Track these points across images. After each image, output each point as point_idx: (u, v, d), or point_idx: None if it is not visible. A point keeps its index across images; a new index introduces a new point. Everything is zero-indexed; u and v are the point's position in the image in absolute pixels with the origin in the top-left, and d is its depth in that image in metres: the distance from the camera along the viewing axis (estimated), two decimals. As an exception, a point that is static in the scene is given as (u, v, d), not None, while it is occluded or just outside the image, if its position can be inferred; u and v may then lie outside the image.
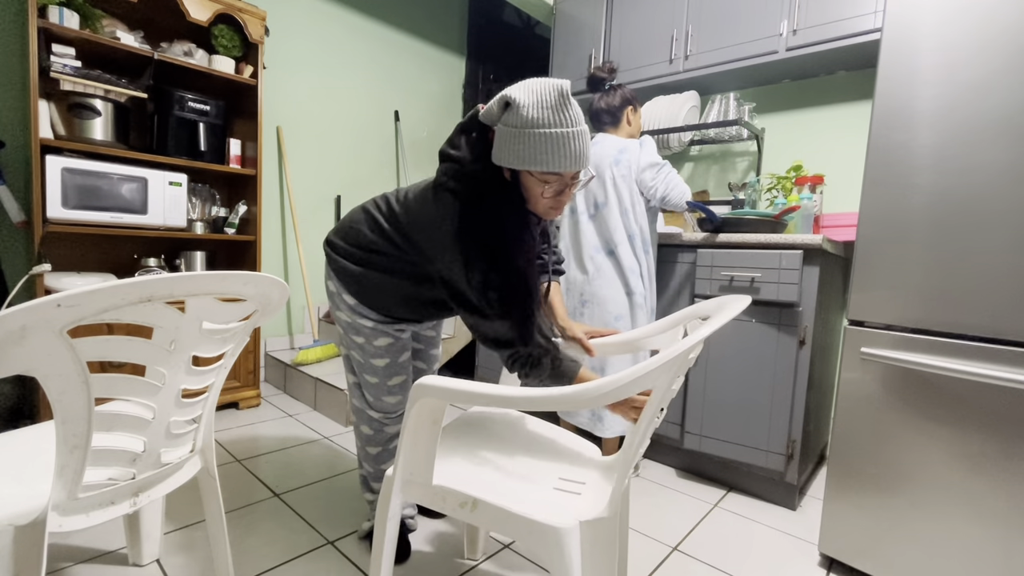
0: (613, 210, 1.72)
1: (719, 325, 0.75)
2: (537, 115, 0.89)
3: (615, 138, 1.79)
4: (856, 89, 2.09)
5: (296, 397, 2.54)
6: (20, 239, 1.99)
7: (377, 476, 1.32)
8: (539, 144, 0.89)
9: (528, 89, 0.91)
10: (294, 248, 2.88)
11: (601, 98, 1.82)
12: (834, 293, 1.85)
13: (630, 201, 1.71)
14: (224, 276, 0.78)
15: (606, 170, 1.73)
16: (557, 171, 0.92)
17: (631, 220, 1.72)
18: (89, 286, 0.62)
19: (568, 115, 0.90)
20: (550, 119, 0.89)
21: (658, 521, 1.55)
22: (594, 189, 1.76)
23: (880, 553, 1.26)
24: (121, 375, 0.78)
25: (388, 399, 1.25)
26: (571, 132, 0.90)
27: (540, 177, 0.94)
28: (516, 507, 0.80)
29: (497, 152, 0.95)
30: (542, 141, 0.89)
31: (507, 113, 0.92)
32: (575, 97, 2.65)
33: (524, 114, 0.89)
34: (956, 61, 1.14)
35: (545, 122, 0.89)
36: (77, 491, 0.76)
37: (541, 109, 0.89)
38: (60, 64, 1.79)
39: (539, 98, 0.89)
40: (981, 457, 1.12)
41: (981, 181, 1.11)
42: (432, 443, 0.86)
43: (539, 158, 0.90)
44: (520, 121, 0.89)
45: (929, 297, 1.18)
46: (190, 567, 1.22)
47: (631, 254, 1.72)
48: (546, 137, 0.89)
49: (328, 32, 2.93)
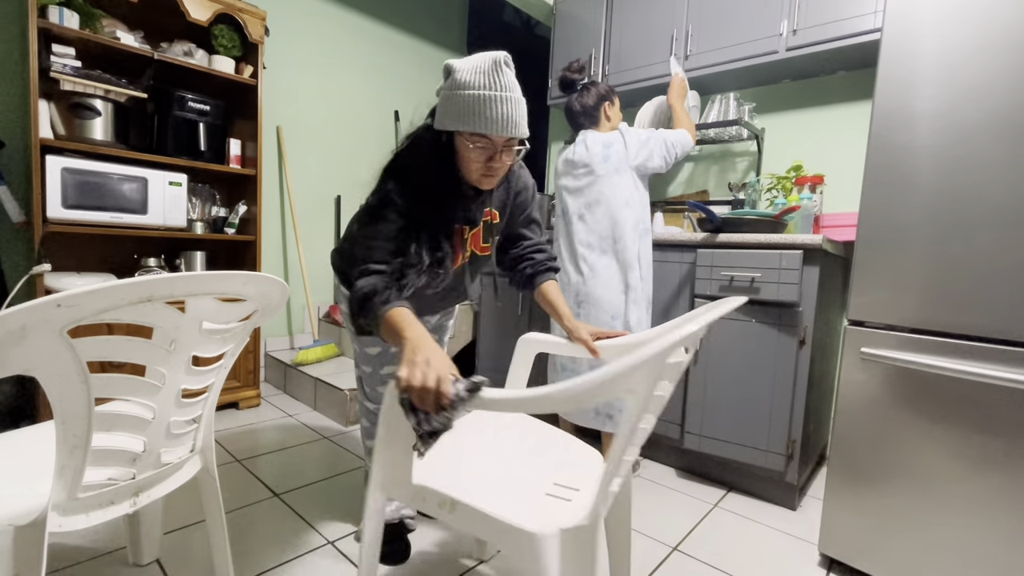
0: (609, 206, 1.71)
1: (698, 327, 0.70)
2: (470, 78, 0.93)
3: (598, 134, 1.78)
4: (856, 89, 2.09)
5: (296, 397, 2.54)
6: (20, 239, 1.99)
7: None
8: (467, 104, 0.93)
9: (469, 58, 0.96)
10: (294, 248, 2.88)
11: (576, 99, 1.81)
12: (834, 293, 1.85)
13: (626, 195, 1.71)
14: (224, 276, 0.78)
15: (598, 167, 1.73)
16: (482, 132, 0.94)
17: (629, 212, 1.71)
18: (89, 286, 0.62)
19: (500, 80, 0.93)
20: (480, 82, 0.92)
21: (658, 521, 1.55)
22: (586, 188, 1.75)
23: (880, 553, 1.26)
24: (121, 375, 0.78)
25: (381, 389, 1.27)
26: (499, 96, 0.93)
27: (468, 139, 0.96)
28: (494, 510, 0.77)
29: (437, 117, 0.99)
30: (470, 102, 0.93)
31: (447, 79, 0.97)
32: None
33: (458, 77, 0.94)
34: (956, 61, 1.14)
35: (475, 84, 0.92)
36: (77, 491, 0.76)
37: (474, 73, 0.93)
38: (60, 64, 1.79)
39: (474, 64, 0.94)
40: (981, 457, 1.12)
41: (981, 181, 1.11)
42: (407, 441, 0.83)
43: (466, 119, 0.94)
44: (454, 84, 0.94)
45: (929, 297, 1.18)
46: (190, 567, 1.22)
47: (627, 248, 1.71)
48: (474, 98, 0.92)
49: (328, 32, 2.93)
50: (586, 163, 1.75)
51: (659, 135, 1.75)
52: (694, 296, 1.82)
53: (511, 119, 0.94)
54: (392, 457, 0.87)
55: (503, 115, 0.93)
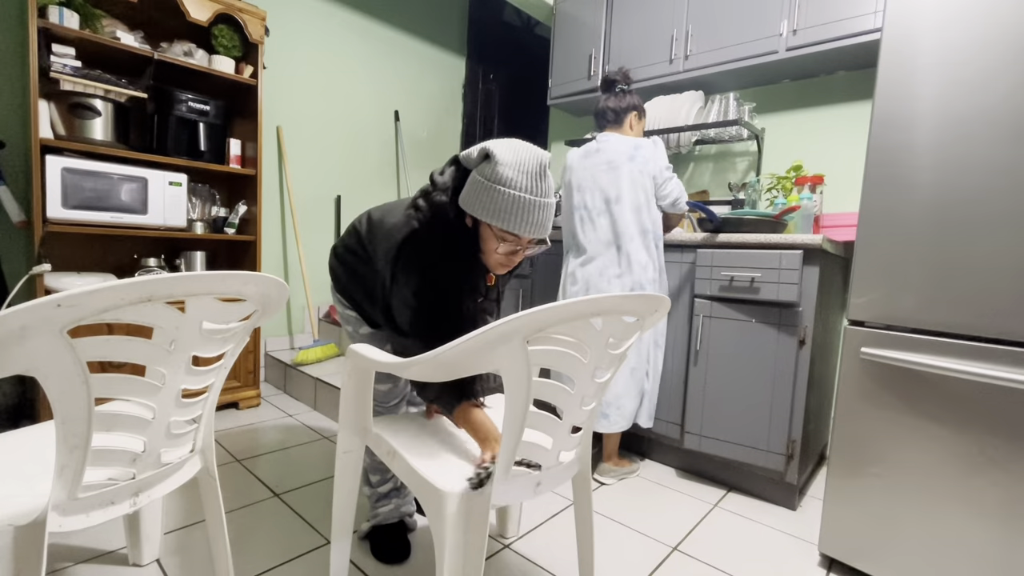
0: (627, 206, 1.72)
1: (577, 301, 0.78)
2: (513, 176, 0.92)
3: (625, 136, 1.79)
4: (856, 89, 2.09)
5: (296, 397, 2.54)
6: (20, 239, 1.99)
7: (374, 468, 1.33)
8: (507, 203, 0.92)
9: (511, 149, 0.94)
10: (294, 248, 2.88)
11: (609, 98, 1.84)
12: (834, 293, 1.85)
13: (644, 198, 1.73)
14: (224, 276, 0.78)
15: (622, 165, 1.73)
16: (517, 233, 0.95)
17: (645, 216, 1.73)
18: (89, 286, 0.62)
19: (542, 186, 0.93)
20: (524, 184, 0.92)
21: (658, 521, 1.55)
22: (607, 185, 1.75)
23: (880, 553, 1.26)
24: (121, 375, 0.78)
25: (377, 386, 1.28)
26: (540, 202, 0.94)
27: (499, 233, 0.97)
28: (419, 466, 0.92)
29: (465, 197, 0.98)
30: (511, 202, 0.92)
31: (484, 164, 0.94)
32: (577, 96, 2.65)
33: (500, 171, 0.92)
34: (956, 61, 1.14)
35: (519, 186, 0.92)
36: (77, 491, 0.76)
37: (518, 171, 0.92)
38: (60, 64, 1.79)
39: (518, 160, 0.92)
40: (981, 457, 1.12)
41: (981, 181, 1.11)
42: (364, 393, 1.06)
43: (504, 216, 0.93)
44: (495, 176, 0.92)
45: (929, 297, 1.18)
46: (190, 567, 1.22)
47: (643, 250, 1.72)
48: (515, 199, 0.92)
49: (328, 32, 2.93)
50: (610, 159, 1.75)
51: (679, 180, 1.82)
52: (694, 296, 1.82)
53: (545, 225, 0.96)
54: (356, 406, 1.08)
55: (540, 221, 0.95)
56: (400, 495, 1.36)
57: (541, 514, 1.56)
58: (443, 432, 1.12)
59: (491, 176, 0.93)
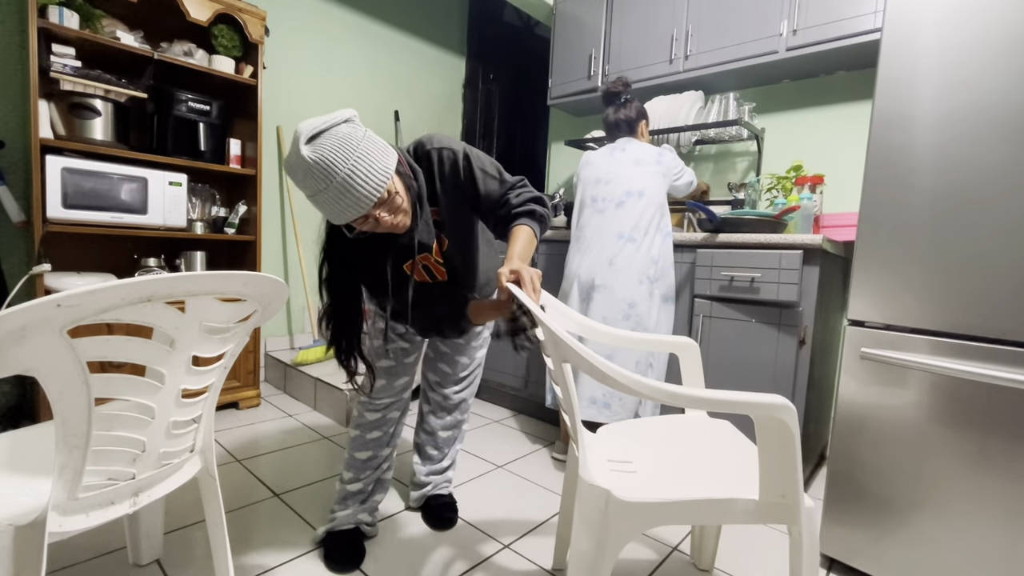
0: (649, 201, 1.76)
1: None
2: (301, 185, 0.93)
3: (645, 144, 1.88)
4: (856, 89, 2.09)
5: (296, 397, 2.54)
6: (20, 239, 1.99)
7: (350, 464, 1.33)
8: (318, 207, 0.95)
9: (289, 152, 0.95)
10: (294, 248, 2.88)
11: (617, 110, 1.91)
12: (834, 293, 1.85)
13: (662, 197, 1.80)
14: (224, 276, 0.78)
15: (649, 165, 1.80)
16: (341, 222, 0.97)
17: (662, 214, 1.79)
18: (89, 286, 0.62)
19: (312, 178, 0.91)
20: (308, 187, 0.92)
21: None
22: (632, 178, 1.79)
23: (880, 553, 1.26)
24: (121, 375, 0.78)
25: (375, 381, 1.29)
26: (325, 196, 0.92)
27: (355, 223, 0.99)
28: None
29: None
30: (317, 205, 0.95)
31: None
32: (577, 97, 2.65)
33: (304, 192, 0.95)
34: (956, 61, 1.14)
35: (307, 190, 0.93)
36: (77, 491, 0.76)
37: (297, 179, 0.93)
38: (60, 64, 1.79)
39: (291, 165, 0.93)
40: (981, 457, 1.12)
41: (981, 181, 1.11)
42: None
43: (329, 215, 0.98)
44: (305, 194, 0.97)
45: (929, 297, 1.18)
46: (190, 567, 1.22)
47: (657, 244, 1.76)
48: (315, 202, 0.95)
49: (328, 32, 2.93)
50: (639, 157, 1.82)
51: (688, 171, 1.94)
52: (694, 296, 1.82)
53: (349, 205, 0.93)
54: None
55: (340, 206, 0.93)
56: (362, 501, 1.33)
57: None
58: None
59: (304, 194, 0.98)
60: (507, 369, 2.49)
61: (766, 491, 0.83)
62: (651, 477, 0.96)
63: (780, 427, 0.78)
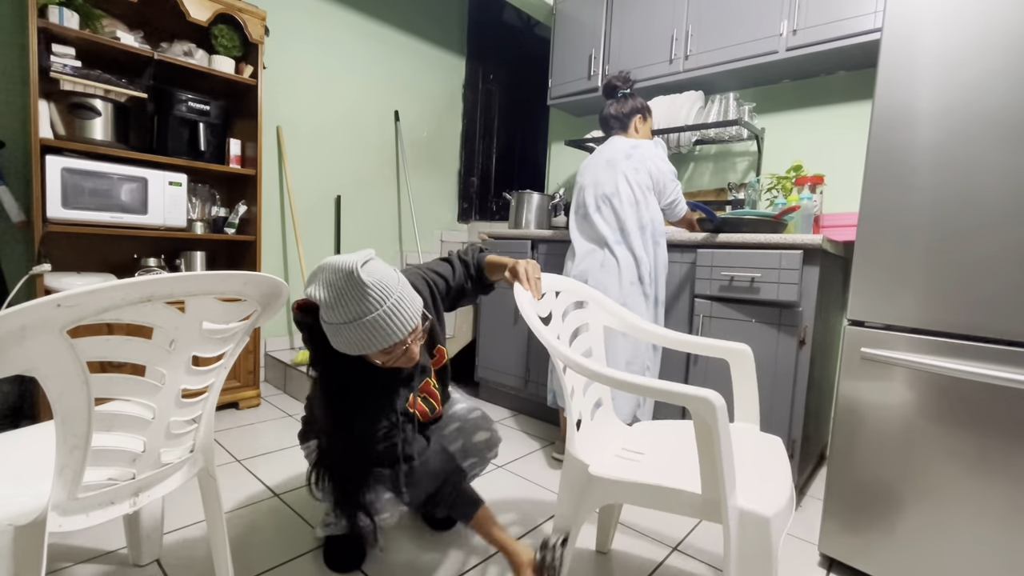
0: (624, 201, 1.74)
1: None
2: (341, 314, 0.90)
3: (626, 137, 1.86)
4: (856, 89, 2.08)
5: (296, 397, 2.54)
6: (20, 239, 1.99)
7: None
8: (356, 335, 0.91)
9: (326, 283, 0.92)
10: (294, 248, 2.88)
11: (612, 105, 1.91)
12: (834, 293, 1.85)
13: (641, 193, 1.75)
14: (224, 276, 0.78)
15: (620, 163, 1.77)
16: (377, 351, 0.94)
17: (643, 211, 1.75)
18: (89, 286, 0.62)
19: (368, 301, 0.89)
20: (354, 311, 0.89)
21: (658, 521, 1.55)
22: (604, 182, 1.79)
23: (880, 553, 1.26)
24: (121, 375, 0.78)
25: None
26: (377, 316, 0.90)
27: (376, 356, 0.96)
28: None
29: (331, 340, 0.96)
30: (357, 332, 0.91)
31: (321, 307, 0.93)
32: (577, 96, 2.65)
33: (329, 315, 0.91)
34: (956, 61, 1.14)
35: (350, 315, 0.90)
36: (77, 491, 0.76)
37: (339, 305, 0.90)
38: (60, 64, 1.79)
39: (337, 292, 0.90)
40: (981, 457, 1.12)
41: (981, 181, 1.11)
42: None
43: (365, 345, 0.92)
44: (332, 318, 0.92)
45: (929, 297, 1.18)
46: (190, 567, 1.22)
47: (641, 245, 1.74)
48: (360, 327, 0.90)
49: (328, 32, 2.93)
50: (609, 157, 1.80)
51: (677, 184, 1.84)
52: (694, 296, 1.82)
53: (399, 327, 0.92)
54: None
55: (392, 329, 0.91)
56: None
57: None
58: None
59: (329, 319, 0.92)
60: (507, 369, 2.49)
61: (706, 487, 0.85)
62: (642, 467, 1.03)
63: (703, 422, 0.80)
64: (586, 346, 1.27)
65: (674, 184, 1.81)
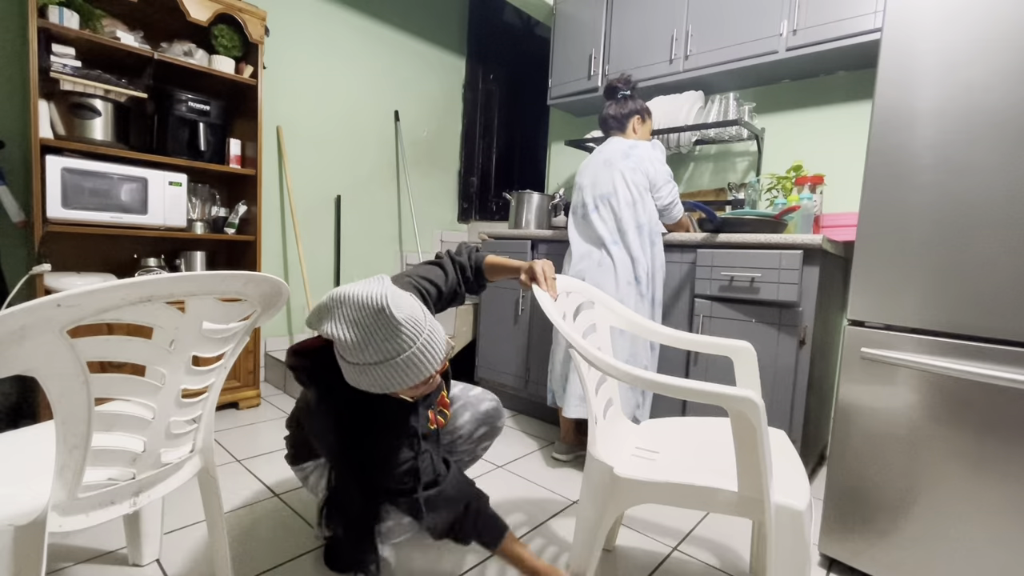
0: (621, 201, 1.76)
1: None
2: (373, 353, 0.84)
3: (623, 138, 1.87)
4: (856, 89, 2.08)
5: (296, 397, 2.54)
6: (20, 239, 1.98)
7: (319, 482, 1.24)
8: (388, 374, 0.86)
9: (351, 322, 0.84)
10: (294, 248, 2.88)
11: (611, 106, 1.92)
12: (834, 293, 1.85)
13: (638, 193, 1.77)
14: (224, 276, 0.78)
15: (617, 162, 1.78)
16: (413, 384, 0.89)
17: (640, 211, 1.76)
18: (89, 286, 0.62)
19: (401, 339, 0.84)
20: (388, 350, 0.84)
21: (658, 521, 1.55)
22: (602, 182, 1.80)
23: (880, 553, 1.26)
24: (121, 375, 0.78)
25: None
26: (412, 354, 0.85)
27: (405, 392, 0.92)
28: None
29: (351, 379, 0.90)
30: (389, 371, 0.85)
31: (340, 348, 0.87)
32: (577, 97, 2.65)
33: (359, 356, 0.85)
34: (956, 61, 1.14)
35: (384, 354, 0.84)
36: (77, 491, 0.76)
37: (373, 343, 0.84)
38: (60, 64, 1.79)
39: (366, 332, 0.83)
40: (981, 457, 1.12)
41: (981, 181, 1.11)
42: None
43: (397, 383, 0.87)
44: (360, 359, 0.85)
45: (929, 297, 1.18)
46: (190, 567, 1.22)
47: (638, 245, 1.75)
48: (392, 366, 0.85)
49: (328, 32, 2.93)
50: (607, 157, 1.81)
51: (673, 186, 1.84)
52: (694, 296, 1.82)
53: (432, 361, 0.87)
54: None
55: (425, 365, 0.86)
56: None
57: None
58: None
59: (356, 359, 0.85)
60: (507, 369, 2.49)
61: (744, 485, 0.85)
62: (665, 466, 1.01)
63: (746, 422, 0.80)
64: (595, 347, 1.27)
65: (670, 186, 1.81)
